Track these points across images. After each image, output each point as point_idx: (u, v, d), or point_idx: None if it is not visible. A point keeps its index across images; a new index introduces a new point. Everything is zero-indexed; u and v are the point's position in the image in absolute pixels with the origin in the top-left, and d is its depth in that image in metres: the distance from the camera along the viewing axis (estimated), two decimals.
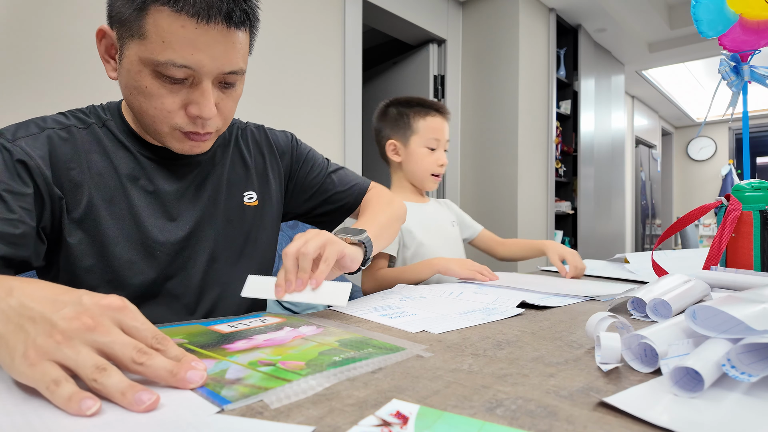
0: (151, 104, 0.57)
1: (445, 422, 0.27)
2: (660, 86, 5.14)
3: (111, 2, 0.57)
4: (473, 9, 2.97)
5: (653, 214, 5.94)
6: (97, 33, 0.58)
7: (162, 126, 0.60)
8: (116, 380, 0.31)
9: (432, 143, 1.15)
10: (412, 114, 1.16)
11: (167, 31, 0.53)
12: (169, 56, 0.54)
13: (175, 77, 0.56)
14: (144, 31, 0.53)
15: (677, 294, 0.54)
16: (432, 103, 1.18)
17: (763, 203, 0.75)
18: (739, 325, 0.32)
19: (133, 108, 0.60)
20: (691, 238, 2.88)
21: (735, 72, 1.21)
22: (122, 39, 0.56)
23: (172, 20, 0.52)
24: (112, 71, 0.60)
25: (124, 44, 0.56)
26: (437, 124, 1.15)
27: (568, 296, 0.71)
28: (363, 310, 0.62)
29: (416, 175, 1.18)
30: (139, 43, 0.54)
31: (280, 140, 0.82)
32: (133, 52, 0.55)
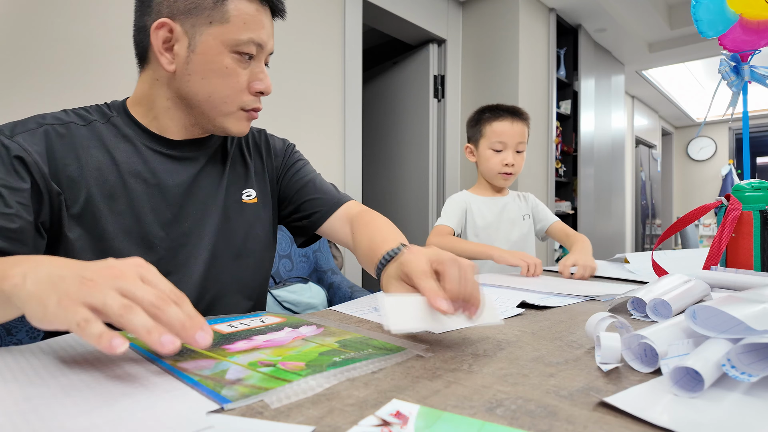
0: (228, 83, 0.64)
1: (445, 422, 0.27)
2: (660, 86, 5.14)
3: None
4: (473, 9, 2.97)
5: (653, 214, 5.94)
6: (157, 26, 0.61)
7: (231, 106, 0.65)
8: (143, 318, 0.34)
9: (497, 146, 1.27)
10: (483, 120, 1.31)
11: (246, 14, 0.62)
12: (249, 35, 0.63)
13: (251, 54, 0.64)
14: (228, 16, 0.61)
15: (677, 294, 0.54)
16: (505, 108, 1.30)
17: (763, 203, 0.75)
18: (739, 325, 0.32)
19: (200, 94, 0.64)
20: (691, 238, 2.88)
21: (735, 72, 1.21)
22: (195, 28, 0.61)
23: (247, 4, 0.62)
24: (170, 64, 0.63)
25: (196, 33, 0.61)
26: (503, 127, 1.27)
27: (568, 296, 0.71)
28: (363, 310, 0.62)
29: (486, 174, 1.33)
30: (220, 27, 0.61)
31: (277, 144, 0.84)
32: (211, 38, 0.61)
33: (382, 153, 3.17)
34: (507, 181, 1.31)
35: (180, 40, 0.62)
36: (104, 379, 0.34)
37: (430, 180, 2.86)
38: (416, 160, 2.94)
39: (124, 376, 0.35)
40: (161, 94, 0.66)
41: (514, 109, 1.29)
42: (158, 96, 0.66)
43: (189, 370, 0.36)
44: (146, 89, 0.67)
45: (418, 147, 2.92)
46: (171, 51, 0.62)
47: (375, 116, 3.19)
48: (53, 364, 0.37)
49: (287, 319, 0.55)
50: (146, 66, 0.66)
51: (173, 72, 0.63)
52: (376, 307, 0.64)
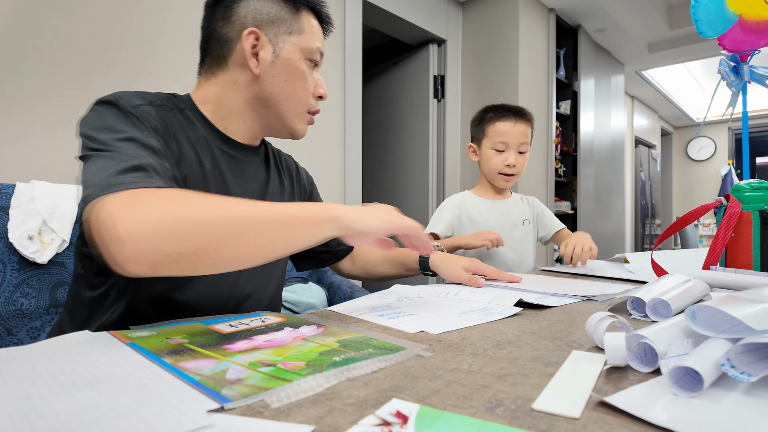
0: (303, 86, 0.72)
1: (445, 422, 0.27)
2: (660, 86, 5.14)
3: (257, 9, 0.68)
4: (473, 9, 2.97)
5: (653, 214, 5.94)
6: (248, 34, 0.68)
7: (302, 107, 0.73)
8: None
9: (499, 146, 1.26)
10: (486, 119, 1.30)
11: (314, 26, 0.73)
12: (317, 44, 0.73)
13: (317, 62, 0.74)
14: (303, 27, 0.71)
15: (677, 294, 0.54)
16: (509, 108, 1.28)
17: (762, 203, 0.75)
18: (739, 324, 0.32)
19: (282, 94, 0.71)
20: (691, 238, 2.88)
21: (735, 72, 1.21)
22: (278, 36, 0.69)
23: (312, 18, 0.73)
24: (256, 68, 0.69)
25: (279, 41, 0.69)
26: (506, 128, 1.26)
27: (566, 296, 0.71)
28: (361, 311, 0.62)
29: (487, 174, 1.32)
30: (298, 36, 0.70)
31: (302, 173, 0.92)
32: (293, 45, 0.70)
33: (382, 153, 3.17)
34: (507, 183, 1.30)
35: (265, 47, 0.69)
36: (105, 378, 0.34)
37: (430, 180, 2.86)
38: (416, 161, 2.94)
39: (124, 375, 0.35)
40: (237, 96, 0.71)
41: (518, 109, 1.28)
42: (232, 98, 0.71)
43: (189, 369, 0.36)
44: (219, 91, 0.71)
45: (418, 147, 2.92)
46: (256, 57, 0.69)
47: (375, 116, 3.19)
48: (53, 364, 0.38)
49: (287, 318, 0.55)
50: (222, 70, 0.71)
51: (257, 75, 0.69)
52: (374, 308, 0.64)
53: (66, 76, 1.35)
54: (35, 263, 0.93)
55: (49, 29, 1.32)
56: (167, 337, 0.46)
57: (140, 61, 1.53)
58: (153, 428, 0.27)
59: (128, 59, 1.49)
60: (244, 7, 0.68)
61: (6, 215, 0.92)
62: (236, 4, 0.69)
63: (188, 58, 1.64)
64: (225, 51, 0.70)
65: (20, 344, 0.41)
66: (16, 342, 0.89)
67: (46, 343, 0.44)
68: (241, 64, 0.69)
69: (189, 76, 1.68)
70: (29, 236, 0.93)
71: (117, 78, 1.46)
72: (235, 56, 0.69)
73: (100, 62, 1.43)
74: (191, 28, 1.66)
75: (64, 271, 0.97)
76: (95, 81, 1.41)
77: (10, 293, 0.89)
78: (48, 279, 0.95)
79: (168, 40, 1.60)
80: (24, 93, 1.27)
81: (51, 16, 1.33)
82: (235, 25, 0.69)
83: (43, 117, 1.31)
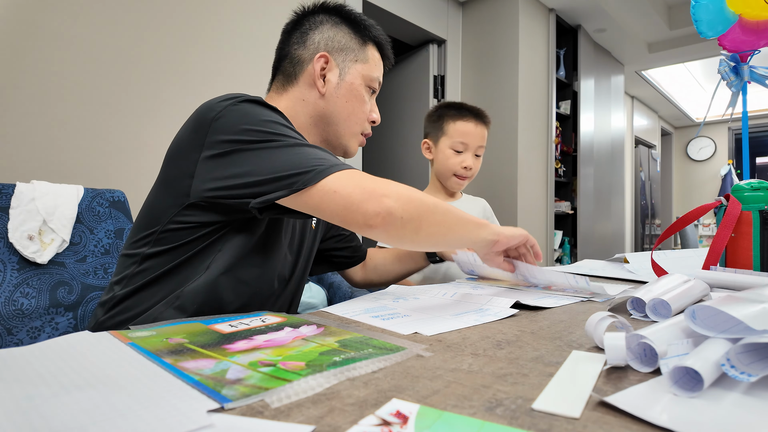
0: (361, 108, 0.80)
1: (444, 422, 0.27)
2: (659, 86, 5.15)
3: (330, 37, 0.77)
4: (473, 9, 2.97)
5: (653, 214, 5.94)
6: (320, 57, 0.76)
7: (358, 127, 0.81)
8: None
9: (458, 146, 1.23)
10: (446, 117, 1.25)
11: (377, 58, 0.82)
12: (377, 74, 0.82)
13: (375, 89, 0.82)
14: (367, 57, 0.80)
15: (677, 294, 0.54)
16: (470, 109, 1.25)
17: (762, 203, 0.75)
18: (739, 324, 0.32)
19: (342, 113, 0.78)
20: (691, 238, 2.88)
21: (734, 72, 1.21)
22: (345, 62, 0.78)
23: (377, 53, 0.82)
24: (323, 87, 0.77)
25: (346, 66, 0.78)
26: (467, 128, 1.23)
27: (564, 297, 0.71)
28: (355, 312, 0.61)
29: (441, 174, 1.28)
30: (362, 65, 0.79)
31: None
32: (357, 72, 0.79)
33: (382, 153, 3.17)
34: (460, 185, 1.26)
35: (333, 70, 0.77)
36: (105, 378, 0.34)
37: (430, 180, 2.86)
38: (416, 160, 2.94)
39: (124, 374, 0.35)
40: (304, 111, 0.78)
41: (478, 111, 1.25)
42: (300, 113, 0.78)
43: (189, 369, 0.36)
44: (290, 105, 0.78)
45: (418, 147, 2.92)
46: (324, 78, 0.77)
47: None
48: (54, 364, 0.38)
49: (287, 318, 0.55)
50: (291, 87, 0.78)
51: (323, 94, 0.77)
52: (368, 308, 0.64)
53: (66, 76, 1.35)
54: (35, 263, 0.93)
55: (49, 29, 1.32)
56: (167, 337, 0.46)
57: (141, 61, 1.52)
58: (153, 428, 0.27)
59: (128, 59, 1.49)
60: (319, 34, 0.77)
61: (6, 215, 0.92)
62: (312, 31, 0.77)
63: (186, 58, 1.64)
64: (297, 70, 0.77)
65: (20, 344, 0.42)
66: (16, 342, 0.89)
67: (46, 343, 0.44)
68: (309, 83, 0.77)
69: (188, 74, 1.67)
70: (29, 236, 0.93)
71: (117, 78, 1.46)
72: (305, 76, 0.77)
73: (101, 62, 1.42)
74: (190, 29, 1.66)
75: (64, 271, 0.97)
76: (95, 81, 1.41)
77: (10, 293, 0.89)
78: (48, 279, 0.95)
79: (167, 40, 1.60)
80: (24, 93, 1.27)
81: (51, 16, 1.33)
82: (309, 48, 0.77)
83: (43, 117, 1.31)
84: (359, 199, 0.57)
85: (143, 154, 1.58)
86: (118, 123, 1.46)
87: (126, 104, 1.48)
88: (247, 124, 0.61)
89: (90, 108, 1.40)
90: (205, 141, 0.62)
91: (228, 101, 0.64)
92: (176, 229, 0.65)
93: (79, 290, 0.99)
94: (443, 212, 0.63)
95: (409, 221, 0.59)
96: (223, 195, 0.62)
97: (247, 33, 1.88)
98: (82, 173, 1.38)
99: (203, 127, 0.63)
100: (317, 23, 0.78)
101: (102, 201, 1.07)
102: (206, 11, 1.73)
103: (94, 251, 1.03)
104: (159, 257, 0.66)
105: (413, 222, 0.59)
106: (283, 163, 0.59)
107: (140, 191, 1.42)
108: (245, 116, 0.62)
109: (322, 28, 0.78)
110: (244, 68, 1.85)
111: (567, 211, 3.35)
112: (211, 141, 0.62)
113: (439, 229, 0.63)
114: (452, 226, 0.64)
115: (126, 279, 0.68)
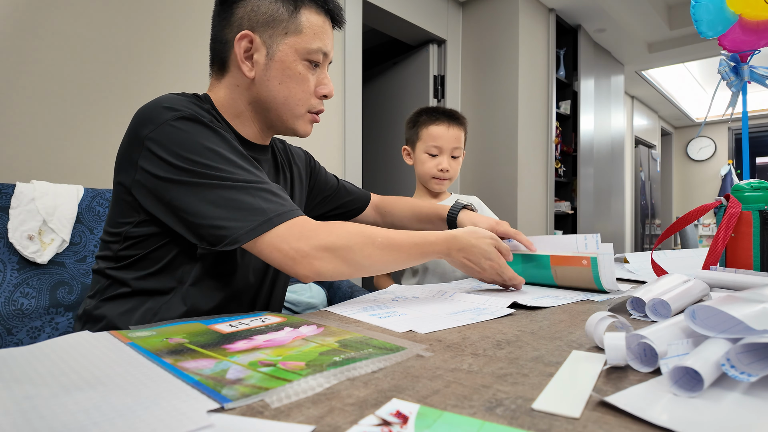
0: (300, 88, 0.70)
1: (444, 422, 0.27)
2: (659, 86, 5.14)
3: (253, 10, 0.67)
4: (473, 9, 2.97)
5: (653, 214, 5.94)
6: (240, 37, 0.67)
7: (302, 108, 0.72)
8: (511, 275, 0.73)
9: (432, 150, 1.25)
10: (420, 122, 1.28)
11: (316, 25, 0.69)
12: (318, 45, 0.70)
13: (318, 62, 0.71)
14: (301, 27, 0.68)
15: (677, 294, 0.54)
16: (442, 112, 1.26)
17: (762, 203, 0.75)
18: (739, 324, 0.32)
19: (278, 97, 0.70)
20: (691, 238, 2.88)
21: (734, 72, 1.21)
22: (272, 38, 0.68)
23: (316, 17, 0.69)
24: (250, 71, 0.69)
25: (274, 42, 0.68)
26: (439, 132, 1.25)
27: (562, 297, 0.70)
28: (353, 310, 0.62)
29: (421, 178, 1.31)
30: (294, 37, 0.68)
31: (298, 152, 0.94)
32: (288, 47, 0.68)
33: (382, 153, 3.17)
34: (441, 186, 1.28)
35: (259, 50, 0.68)
36: (105, 378, 0.34)
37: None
38: None
39: (124, 375, 0.35)
40: (241, 99, 0.71)
41: (452, 113, 1.26)
42: (237, 100, 0.71)
43: (189, 369, 0.36)
44: (227, 93, 0.71)
45: None
46: (251, 60, 0.68)
47: (375, 116, 3.19)
48: (54, 364, 0.38)
49: (287, 318, 0.55)
50: (225, 73, 0.71)
51: (252, 78, 0.69)
52: (367, 307, 0.64)
53: (66, 76, 1.35)
54: (35, 263, 0.93)
55: (49, 29, 1.32)
56: (167, 337, 0.46)
57: (140, 61, 1.52)
58: (153, 428, 0.27)
59: (128, 59, 1.49)
60: (242, 8, 0.68)
61: (6, 215, 0.92)
62: (236, 4, 0.68)
63: (185, 58, 1.64)
64: (226, 54, 0.70)
65: (20, 344, 0.42)
66: (16, 342, 0.89)
67: (46, 343, 0.44)
68: (238, 66, 0.69)
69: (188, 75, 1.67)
70: (29, 236, 0.93)
71: (117, 78, 1.46)
72: (233, 60, 0.69)
73: (101, 62, 1.43)
74: (189, 29, 1.66)
75: (64, 271, 0.97)
76: (95, 81, 1.41)
77: (10, 293, 0.89)
78: (48, 279, 0.95)
79: (167, 40, 1.60)
80: (24, 93, 1.27)
81: (51, 16, 1.33)
82: (233, 27, 0.68)
83: (43, 117, 1.31)
84: (292, 263, 0.59)
85: None
86: (118, 123, 1.46)
87: (126, 104, 1.48)
88: (185, 151, 0.58)
89: (90, 108, 1.40)
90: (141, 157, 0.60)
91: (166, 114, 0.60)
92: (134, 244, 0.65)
93: (79, 290, 0.98)
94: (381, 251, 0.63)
95: (340, 274, 0.62)
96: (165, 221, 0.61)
97: None
98: (82, 173, 1.38)
99: (137, 140, 0.61)
100: None
101: (102, 201, 1.07)
102: (207, 11, 1.73)
103: (94, 251, 1.03)
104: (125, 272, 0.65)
105: (345, 273, 0.62)
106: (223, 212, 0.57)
107: None
108: (183, 140, 0.59)
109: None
110: None
111: (567, 211, 3.34)
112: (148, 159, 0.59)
113: (379, 266, 0.65)
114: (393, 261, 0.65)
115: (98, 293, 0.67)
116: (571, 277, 0.77)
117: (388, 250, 0.64)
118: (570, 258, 0.77)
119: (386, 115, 3.15)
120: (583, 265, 0.75)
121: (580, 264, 0.75)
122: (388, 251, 0.64)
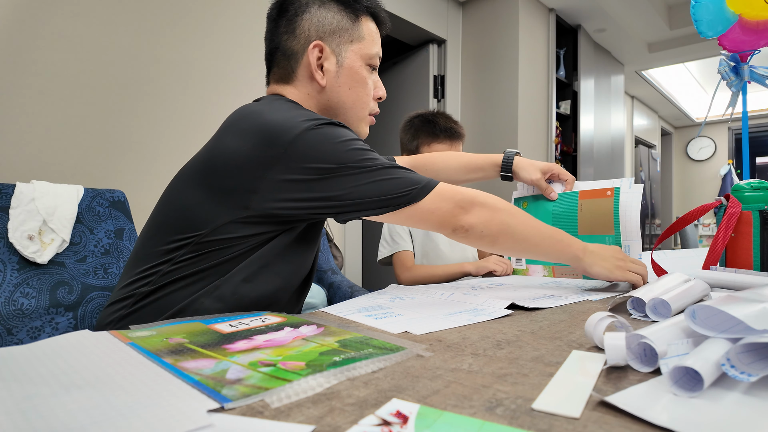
0: (365, 91, 0.76)
1: (445, 422, 0.27)
2: (659, 86, 5.14)
3: (319, 21, 0.71)
4: (473, 9, 2.97)
5: (653, 213, 5.94)
6: (313, 48, 0.71)
7: (364, 111, 0.78)
8: None
9: None
10: (420, 139, 1.28)
11: (373, 31, 0.76)
12: (376, 49, 0.76)
13: (376, 66, 0.77)
14: (362, 34, 0.74)
15: (677, 294, 0.54)
16: (444, 129, 1.25)
17: (762, 203, 0.75)
18: (739, 324, 0.32)
19: (347, 102, 0.75)
20: (691, 237, 2.88)
21: (734, 72, 1.21)
22: (340, 46, 0.73)
23: (372, 23, 0.76)
24: (322, 79, 0.73)
25: (342, 50, 0.73)
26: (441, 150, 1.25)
27: (560, 297, 0.70)
28: (349, 311, 0.62)
29: None
30: (359, 44, 0.74)
31: None
32: (354, 53, 0.73)
33: (382, 153, 3.17)
34: None
35: (329, 58, 0.72)
36: (105, 378, 0.34)
37: None
38: None
39: (124, 374, 0.35)
40: (311, 105, 0.74)
41: (452, 130, 1.26)
42: (309, 108, 0.74)
43: (189, 369, 0.36)
44: (300, 101, 0.74)
45: None
46: (321, 69, 0.72)
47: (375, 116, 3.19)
48: (54, 363, 0.38)
49: (287, 318, 0.55)
50: (293, 81, 0.74)
51: (324, 86, 0.73)
52: (363, 308, 0.64)
53: (66, 76, 1.35)
54: (35, 263, 0.93)
55: (49, 29, 1.32)
56: (167, 336, 0.46)
57: (140, 61, 1.52)
58: (153, 428, 0.27)
59: (129, 59, 1.49)
60: (307, 20, 0.71)
61: (6, 215, 0.92)
62: (299, 16, 0.71)
63: (185, 58, 1.64)
64: (293, 64, 0.73)
65: (20, 344, 0.42)
66: (16, 342, 0.89)
67: (46, 342, 0.44)
68: (308, 76, 0.72)
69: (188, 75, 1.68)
70: (29, 236, 0.93)
71: (117, 78, 1.46)
72: (303, 69, 0.72)
73: (101, 62, 1.42)
74: (189, 29, 1.66)
75: (64, 271, 0.97)
76: (95, 81, 1.41)
77: (10, 293, 0.89)
78: (48, 279, 0.95)
79: (168, 40, 1.60)
80: (24, 93, 1.27)
81: (51, 16, 1.33)
82: (299, 38, 0.72)
83: (43, 117, 1.31)
84: (449, 216, 0.67)
85: (143, 154, 1.58)
86: (118, 123, 1.46)
87: (126, 104, 1.48)
88: (334, 151, 0.62)
89: (90, 108, 1.40)
90: (280, 162, 0.61)
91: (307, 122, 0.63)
92: (223, 239, 0.64)
93: (79, 290, 0.99)
94: (525, 230, 0.70)
95: (487, 236, 0.69)
96: (303, 214, 0.64)
97: (249, 32, 1.88)
98: (82, 173, 1.38)
99: (275, 146, 0.61)
100: (303, 6, 0.72)
101: (102, 201, 1.07)
102: (207, 11, 1.73)
103: (94, 251, 1.03)
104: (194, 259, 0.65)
105: (489, 237, 0.69)
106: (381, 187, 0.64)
107: (140, 191, 1.42)
108: (328, 141, 0.63)
109: (309, 11, 0.71)
110: (245, 68, 1.85)
111: None
112: (290, 165, 0.61)
113: (517, 246, 0.71)
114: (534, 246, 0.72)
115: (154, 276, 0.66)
116: (593, 210, 0.79)
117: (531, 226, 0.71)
118: (596, 190, 0.79)
119: (386, 115, 3.15)
120: (606, 196, 0.77)
121: (605, 195, 0.78)
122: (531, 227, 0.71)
